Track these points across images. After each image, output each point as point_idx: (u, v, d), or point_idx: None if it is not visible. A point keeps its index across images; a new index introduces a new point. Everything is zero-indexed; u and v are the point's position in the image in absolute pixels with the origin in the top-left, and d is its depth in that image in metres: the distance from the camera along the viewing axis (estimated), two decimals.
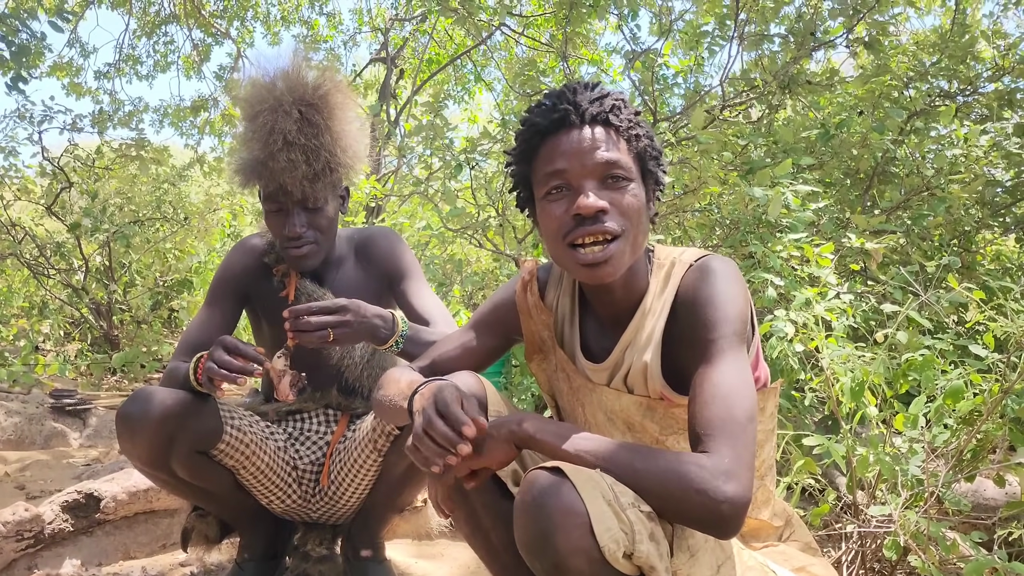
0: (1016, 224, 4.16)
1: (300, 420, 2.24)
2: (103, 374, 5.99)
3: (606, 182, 1.34)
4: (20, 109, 6.33)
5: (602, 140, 1.35)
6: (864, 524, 2.18)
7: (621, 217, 1.34)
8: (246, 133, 2.02)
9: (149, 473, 1.97)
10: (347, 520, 2.28)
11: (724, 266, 1.37)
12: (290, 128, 1.95)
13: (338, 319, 1.80)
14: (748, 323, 1.35)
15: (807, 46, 4.38)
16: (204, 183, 9.07)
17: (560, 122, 1.37)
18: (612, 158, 1.34)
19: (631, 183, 1.36)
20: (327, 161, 1.99)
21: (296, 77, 2.01)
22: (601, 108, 1.36)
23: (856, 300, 2.86)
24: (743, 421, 1.18)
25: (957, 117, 4.04)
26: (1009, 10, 4.98)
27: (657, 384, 1.40)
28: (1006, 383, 2.14)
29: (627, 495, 1.13)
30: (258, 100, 1.99)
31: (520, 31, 7.79)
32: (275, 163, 1.95)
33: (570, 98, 1.37)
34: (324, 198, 2.04)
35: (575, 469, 1.13)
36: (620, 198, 1.34)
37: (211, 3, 9.75)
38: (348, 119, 2.06)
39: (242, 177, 2.05)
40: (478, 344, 1.67)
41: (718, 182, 3.72)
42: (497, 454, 1.28)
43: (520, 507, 1.14)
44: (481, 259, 5.99)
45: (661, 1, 5.51)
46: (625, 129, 1.37)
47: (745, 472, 1.13)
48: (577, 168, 1.34)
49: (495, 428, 1.29)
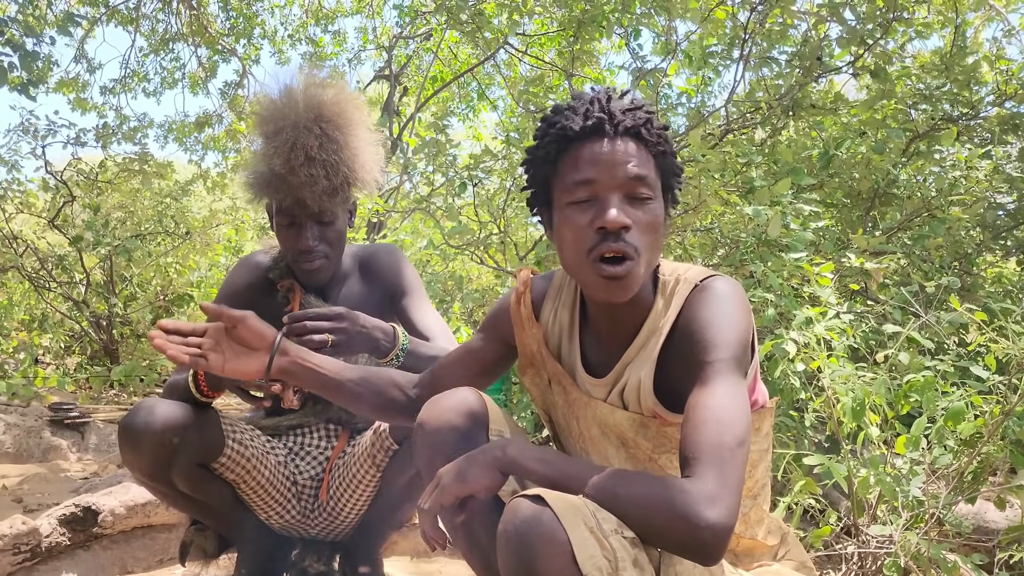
0: (1017, 247, 4.17)
1: (300, 435, 2.24)
2: (102, 387, 5.98)
3: (631, 198, 1.33)
4: (25, 123, 6.37)
5: (633, 155, 1.33)
6: (864, 545, 2.17)
7: (641, 236, 1.32)
8: (267, 149, 2.03)
9: (149, 485, 1.97)
10: (346, 536, 2.27)
11: (728, 288, 1.36)
12: (312, 144, 1.97)
13: (334, 326, 1.80)
14: (748, 348, 1.34)
15: (812, 71, 4.41)
16: (207, 198, 9.10)
17: (592, 130, 1.34)
18: (641, 174, 1.32)
19: (653, 201, 1.35)
20: (345, 176, 2.02)
21: (314, 93, 2.03)
22: (635, 121, 1.34)
23: (856, 320, 2.86)
24: (732, 446, 1.16)
25: (959, 140, 4.06)
26: (1012, 35, 5.01)
27: (649, 401, 1.39)
28: (1007, 405, 2.14)
29: (610, 521, 1.12)
30: (279, 116, 2.01)
31: (524, 50, 7.84)
32: (295, 178, 1.97)
33: (604, 106, 1.35)
34: (336, 212, 2.07)
35: (557, 496, 1.13)
36: (642, 216, 1.33)
37: (218, 22, 9.83)
38: (364, 135, 2.09)
39: (256, 191, 2.07)
40: (480, 352, 1.67)
41: (719, 201, 3.73)
42: (482, 480, 1.28)
43: (502, 537, 1.13)
44: (482, 276, 6.01)
45: (665, 21, 5.53)
46: (654, 144, 1.36)
47: (730, 498, 1.11)
48: (606, 180, 1.32)
49: (479, 454, 1.29)
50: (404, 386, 1.68)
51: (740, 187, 3.87)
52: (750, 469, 1.45)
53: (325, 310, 1.83)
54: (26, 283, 6.71)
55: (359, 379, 1.63)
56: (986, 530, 2.47)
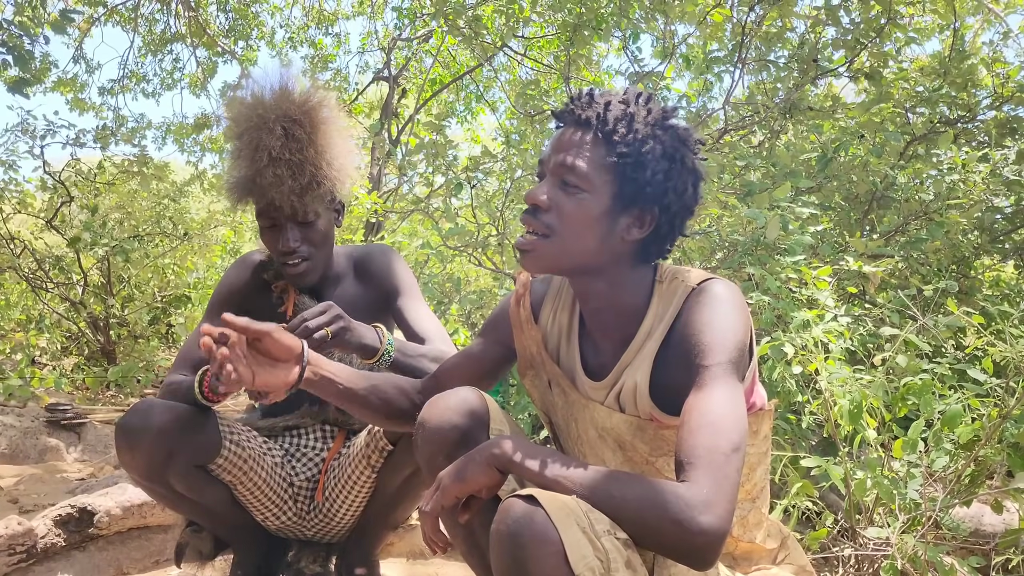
0: (1015, 250, 4.17)
1: (297, 436, 2.24)
2: (99, 388, 5.97)
3: (562, 183, 1.37)
4: (23, 123, 6.36)
5: (575, 144, 1.36)
6: (861, 547, 2.17)
7: (558, 220, 1.37)
8: (234, 151, 2.04)
9: (146, 486, 1.96)
10: (342, 538, 2.27)
11: (726, 291, 1.36)
12: (274, 144, 1.97)
13: (332, 316, 1.80)
14: (745, 351, 1.34)
15: (809, 74, 4.41)
16: (205, 199, 9.10)
17: (559, 116, 1.43)
18: (571, 163, 1.35)
19: (584, 193, 1.35)
20: (312, 175, 2.00)
21: (281, 94, 2.03)
22: (594, 113, 1.36)
23: (854, 323, 2.86)
24: (727, 451, 1.16)
25: (956, 143, 4.06)
26: (1009, 38, 5.02)
27: (646, 404, 1.39)
28: (1004, 408, 2.14)
29: (603, 522, 1.13)
30: (244, 118, 2.02)
31: (523, 52, 7.85)
32: (263, 179, 1.97)
33: (586, 98, 1.40)
34: (315, 212, 2.06)
35: (550, 496, 1.13)
36: (567, 203, 1.36)
37: (217, 23, 9.83)
38: (333, 133, 2.08)
39: (234, 195, 2.08)
40: (480, 356, 1.68)
41: (718, 204, 3.73)
42: (480, 479, 1.28)
43: (495, 537, 1.13)
44: (480, 278, 6.00)
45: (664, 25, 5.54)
46: (615, 142, 1.35)
47: (723, 504, 1.12)
48: (548, 162, 1.40)
49: (477, 453, 1.29)
50: (410, 392, 1.69)
51: (738, 190, 3.87)
52: (748, 472, 1.45)
53: (316, 307, 1.83)
54: (23, 283, 6.70)
55: (369, 387, 1.63)
56: (983, 533, 2.47)
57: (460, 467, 1.29)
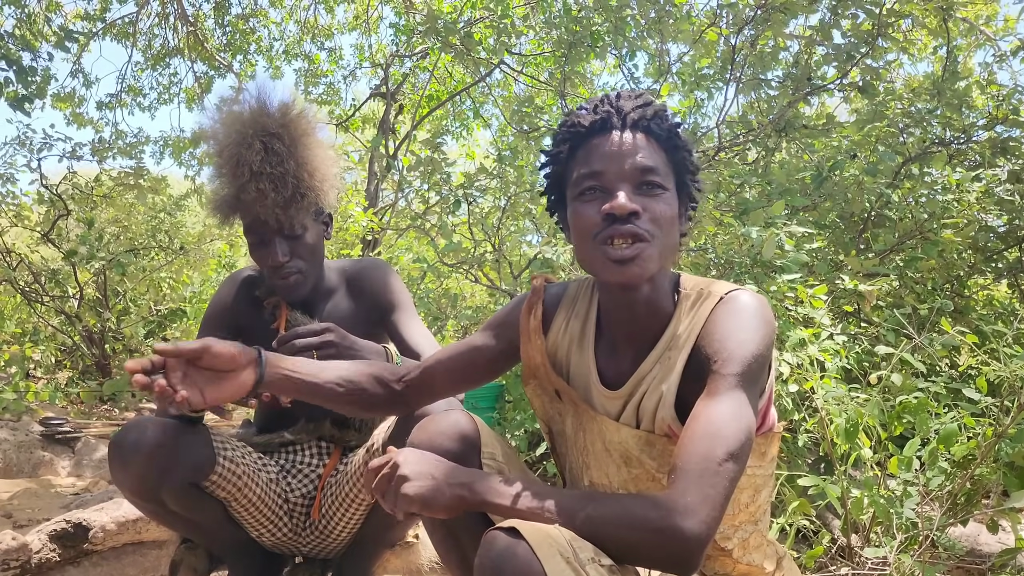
0: (1008, 270, 4.19)
1: (292, 452, 2.23)
2: (94, 402, 5.95)
3: (641, 188, 1.32)
4: (20, 136, 6.37)
5: (642, 146, 1.33)
6: (858, 567, 2.17)
7: (652, 224, 1.31)
8: (216, 170, 2.05)
9: (139, 504, 1.95)
10: (338, 555, 2.26)
11: (753, 301, 1.34)
12: (254, 159, 1.97)
13: (323, 340, 1.81)
14: (765, 364, 1.31)
15: (803, 90, 4.44)
16: (201, 213, 9.10)
17: (600, 124, 1.35)
18: (649, 164, 1.32)
19: (666, 192, 1.34)
20: (295, 187, 2.01)
21: (259, 109, 2.04)
22: (643, 114, 1.35)
23: (849, 342, 2.87)
24: (721, 459, 1.16)
25: (950, 163, 4.09)
26: (1004, 61, 5.07)
27: (667, 416, 1.36)
28: (1000, 427, 2.14)
29: (586, 550, 1.12)
30: (223, 135, 2.03)
31: (519, 69, 7.89)
32: (246, 195, 1.98)
33: (613, 102, 1.37)
34: (302, 224, 2.06)
35: (532, 527, 1.12)
36: (653, 204, 1.32)
37: (214, 37, 9.86)
38: (313, 144, 2.09)
39: (220, 213, 2.09)
40: (482, 349, 1.61)
41: (713, 222, 3.75)
42: (441, 512, 1.27)
43: (479, 571, 1.13)
44: (476, 294, 6.01)
45: (657, 45, 5.58)
46: (665, 139, 1.36)
47: (707, 511, 1.11)
48: (614, 171, 1.32)
49: (447, 486, 1.26)
50: (388, 380, 1.64)
51: (734, 208, 3.89)
52: (753, 494, 1.43)
53: (312, 326, 1.84)
54: (19, 296, 6.69)
55: (337, 379, 1.59)
56: (980, 553, 2.47)
57: (428, 491, 1.26)
